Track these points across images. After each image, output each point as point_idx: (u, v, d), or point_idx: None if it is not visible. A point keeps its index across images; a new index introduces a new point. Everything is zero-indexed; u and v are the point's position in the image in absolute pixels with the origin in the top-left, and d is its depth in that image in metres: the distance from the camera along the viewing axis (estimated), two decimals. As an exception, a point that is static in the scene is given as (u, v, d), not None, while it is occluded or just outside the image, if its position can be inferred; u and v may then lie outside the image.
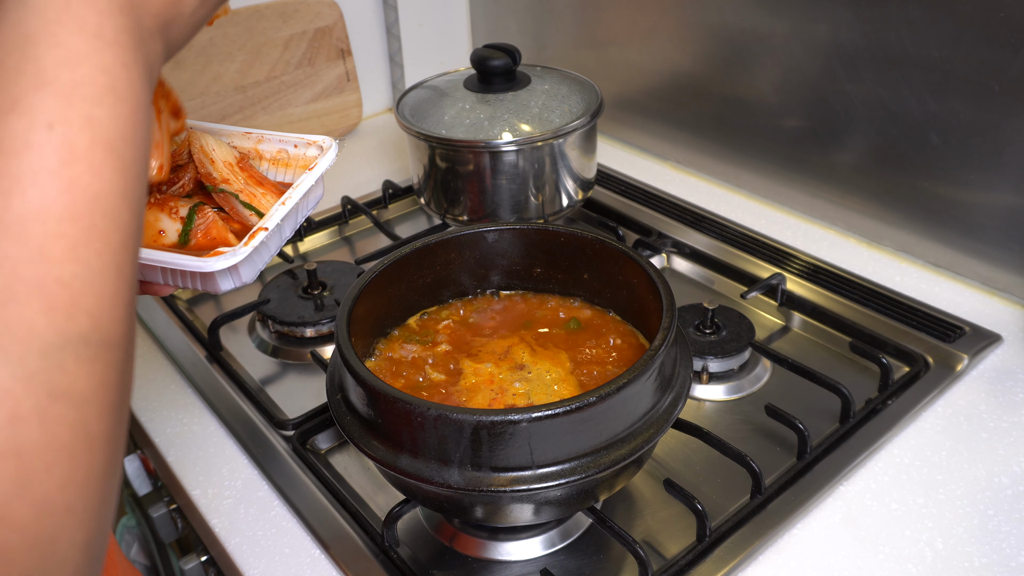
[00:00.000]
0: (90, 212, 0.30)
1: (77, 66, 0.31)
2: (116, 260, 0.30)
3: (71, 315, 0.28)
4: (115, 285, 0.30)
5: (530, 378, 0.64)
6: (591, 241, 0.69)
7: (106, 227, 0.30)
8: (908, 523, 0.64)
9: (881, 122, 0.92)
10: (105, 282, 0.30)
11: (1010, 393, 0.76)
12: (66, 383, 0.27)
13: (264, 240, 0.57)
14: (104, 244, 0.30)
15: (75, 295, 0.29)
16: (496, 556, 0.64)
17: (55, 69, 0.30)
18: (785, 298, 0.89)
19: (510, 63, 0.96)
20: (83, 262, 0.29)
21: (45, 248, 0.28)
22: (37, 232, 0.28)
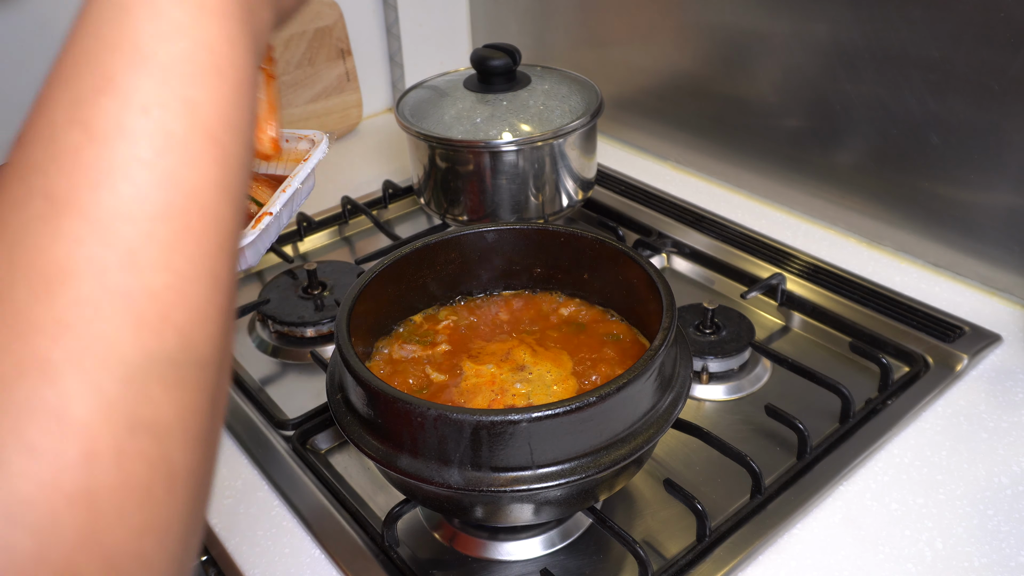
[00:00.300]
0: (186, 210, 0.26)
1: (177, 40, 0.27)
2: (211, 266, 0.27)
3: (159, 332, 0.25)
4: (209, 295, 0.27)
5: (530, 379, 0.64)
6: (591, 241, 0.69)
7: (202, 227, 0.27)
8: (908, 523, 0.64)
9: (881, 122, 0.92)
10: (198, 292, 0.26)
11: (1010, 393, 0.76)
12: (149, 413, 0.24)
13: (267, 225, 0.61)
14: (199, 247, 0.26)
15: (165, 308, 0.25)
16: (496, 556, 0.64)
17: (153, 44, 0.27)
18: (785, 298, 0.89)
19: (510, 63, 0.96)
20: (175, 269, 0.26)
21: (135, 252, 0.25)
22: (127, 233, 0.25)
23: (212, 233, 0.27)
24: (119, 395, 0.23)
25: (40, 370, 0.22)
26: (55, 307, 0.23)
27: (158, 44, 0.27)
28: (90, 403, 0.23)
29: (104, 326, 0.24)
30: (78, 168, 0.25)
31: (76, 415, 0.22)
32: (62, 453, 0.22)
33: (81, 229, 0.24)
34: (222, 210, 0.27)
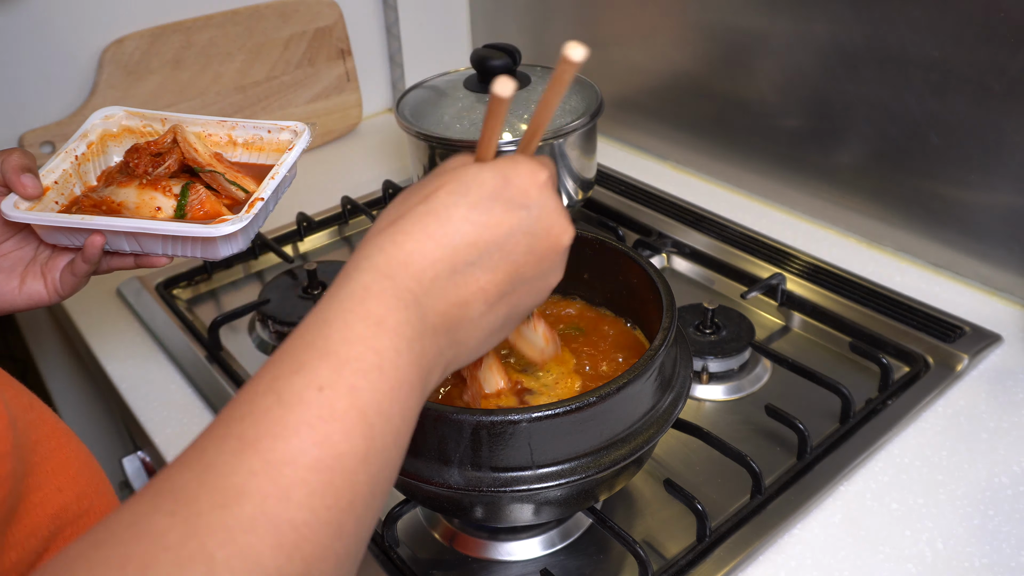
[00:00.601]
0: (331, 468, 0.33)
1: (355, 344, 0.36)
2: (340, 518, 0.33)
3: (291, 557, 0.31)
4: (332, 540, 0.33)
5: (531, 378, 0.64)
6: (591, 241, 0.69)
7: (341, 484, 0.34)
8: (908, 523, 0.64)
9: (881, 122, 0.92)
10: (325, 535, 0.33)
11: (1010, 393, 0.76)
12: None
13: (259, 210, 0.65)
14: (335, 499, 0.33)
15: (299, 540, 0.32)
16: (496, 556, 0.64)
17: (337, 345, 0.36)
18: (785, 298, 0.89)
19: (510, 63, 0.96)
20: (314, 510, 0.32)
21: (289, 490, 0.32)
22: (288, 475, 0.32)
23: (347, 490, 0.34)
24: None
25: (207, 564, 0.29)
26: (226, 517, 0.31)
27: (341, 345, 0.36)
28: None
29: (255, 540, 0.31)
30: (265, 423, 0.34)
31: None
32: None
33: (256, 465, 0.32)
34: (360, 475, 0.35)
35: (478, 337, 0.43)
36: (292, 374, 0.35)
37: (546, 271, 0.45)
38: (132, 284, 0.97)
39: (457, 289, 0.41)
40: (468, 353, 0.43)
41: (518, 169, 0.43)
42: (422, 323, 0.39)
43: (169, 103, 1.14)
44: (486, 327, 0.43)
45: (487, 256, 0.42)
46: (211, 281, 1.01)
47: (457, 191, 0.42)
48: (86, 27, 1.07)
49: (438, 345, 0.40)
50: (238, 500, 0.31)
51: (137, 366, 0.86)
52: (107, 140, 0.74)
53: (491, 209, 0.42)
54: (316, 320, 0.38)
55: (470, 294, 0.41)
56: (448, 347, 0.41)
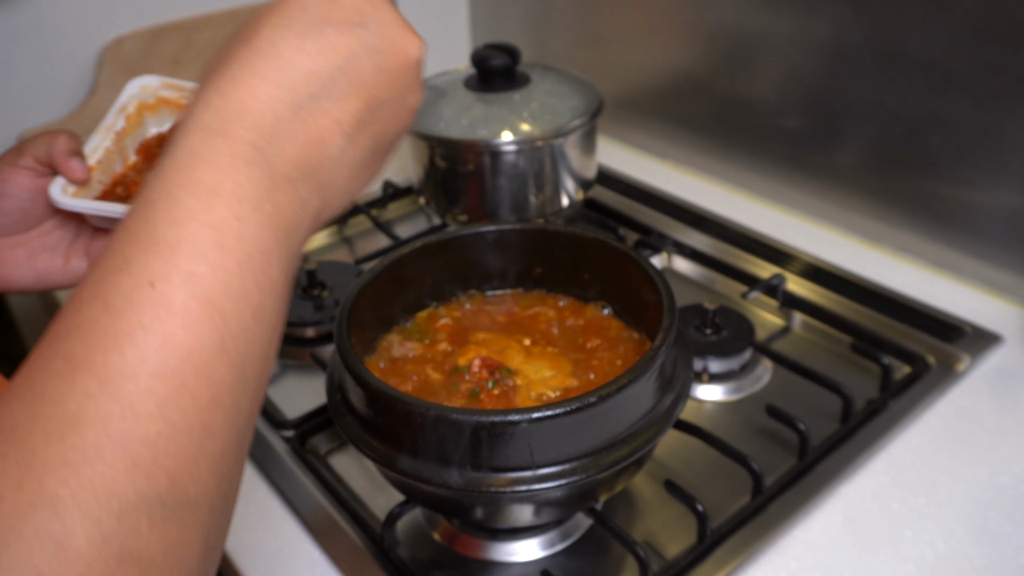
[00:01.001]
0: (180, 369, 0.30)
1: (185, 224, 0.32)
2: (203, 417, 0.30)
3: (151, 475, 0.29)
4: (199, 443, 0.30)
5: (530, 375, 0.64)
6: (591, 241, 0.69)
7: (196, 383, 0.30)
8: (909, 524, 0.64)
9: (882, 122, 0.92)
10: (189, 440, 0.30)
11: (1011, 393, 0.76)
12: (137, 546, 0.27)
13: None
14: (192, 401, 0.30)
15: (157, 454, 0.29)
16: (496, 557, 0.64)
17: (164, 228, 0.32)
18: (786, 298, 0.89)
19: (510, 62, 0.96)
20: (169, 420, 0.29)
21: (135, 405, 0.29)
22: (129, 389, 0.29)
23: (206, 388, 0.31)
24: (113, 529, 0.27)
25: (50, 506, 0.26)
26: (64, 450, 0.27)
27: (168, 228, 0.32)
28: (89, 535, 0.26)
29: (104, 468, 0.28)
30: (93, 335, 0.30)
31: (76, 546, 0.26)
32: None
33: (91, 385, 0.29)
34: (217, 368, 0.31)
35: (345, 175, 0.39)
36: (117, 273, 0.31)
37: (403, 91, 0.41)
38: (132, 284, 0.97)
39: (307, 128, 0.36)
40: (338, 195, 0.39)
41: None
42: (270, 177, 0.35)
43: (169, 103, 1.14)
44: (351, 162, 0.39)
45: (332, 84, 0.37)
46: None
47: (281, 24, 0.37)
48: (86, 27, 1.07)
49: (298, 196, 0.36)
50: (76, 428, 0.28)
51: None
52: (144, 112, 0.73)
53: (323, 34, 0.37)
54: (140, 204, 0.33)
55: (324, 129, 0.37)
56: (312, 194, 0.37)
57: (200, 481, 0.30)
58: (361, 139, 0.39)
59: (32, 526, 0.26)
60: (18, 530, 0.26)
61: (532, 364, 0.65)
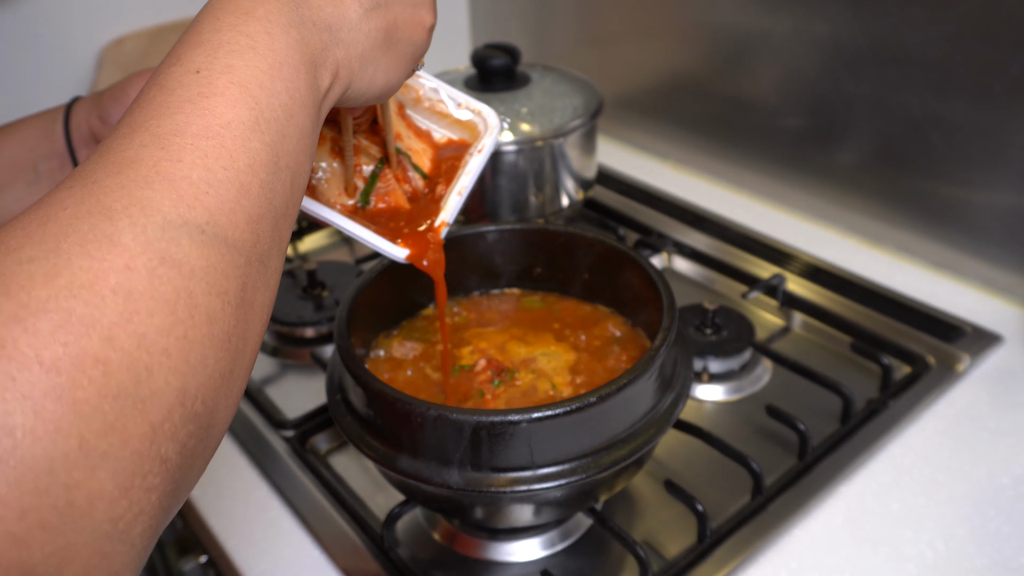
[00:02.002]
0: (220, 134, 0.35)
1: (225, 32, 0.38)
2: (240, 178, 0.35)
3: (192, 206, 0.33)
4: (236, 197, 0.35)
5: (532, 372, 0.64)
6: (591, 241, 0.69)
7: (234, 148, 0.35)
8: (909, 524, 0.64)
9: (882, 121, 0.92)
10: (227, 191, 0.34)
11: (1011, 393, 0.76)
12: (178, 255, 0.32)
13: None
14: (231, 160, 0.35)
15: (198, 192, 0.33)
16: (496, 557, 0.64)
17: (208, 34, 0.38)
18: (786, 298, 0.89)
19: (510, 62, 0.96)
20: (209, 169, 0.34)
21: (181, 153, 0.34)
22: (176, 143, 0.34)
23: (242, 154, 0.35)
24: (157, 236, 0.31)
25: (104, 213, 0.31)
26: (120, 179, 0.32)
27: (212, 35, 0.38)
28: (135, 235, 0.31)
29: (151, 193, 0.32)
30: (151, 108, 0.36)
31: (123, 241, 0.31)
32: (110, 262, 0.30)
33: (146, 139, 0.34)
34: (253, 142, 0.36)
35: (363, 43, 0.44)
36: (171, 66, 0.37)
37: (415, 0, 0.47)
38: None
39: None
40: (358, 63, 0.44)
41: None
42: (297, 13, 0.40)
43: (169, 103, 1.14)
44: (366, 34, 0.44)
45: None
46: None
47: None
48: (85, 27, 1.07)
49: (321, 39, 0.41)
50: (131, 166, 0.33)
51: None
52: None
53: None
54: (193, 22, 0.40)
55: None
56: (333, 45, 0.42)
57: (237, 228, 0.34)
58: (376, 17, 0.44)
59: (88, 224, 0.31)
60: (76, 226, 0.30)
61: (534, 349, 0.65)
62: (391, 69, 0.47)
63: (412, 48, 0.48)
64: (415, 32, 0.47)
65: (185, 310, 0.31)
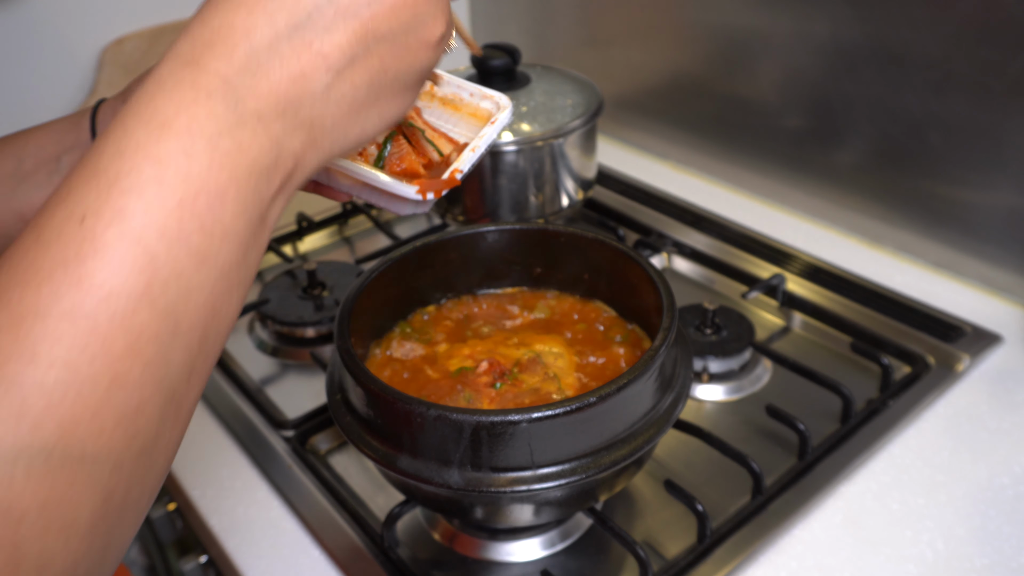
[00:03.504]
0: (94, 312, 0.28)
1: (129, 156, 0.30)
2: (114, 367, 0.28)
3: (39, 424, 0.27)
4: (105, 394, 0.28)
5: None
6: (591, 241, 0.69)
7: (110, 329, 0.28)
8: (909, 524, 0.64)
9: (882, 122, 0.92)
10: (93, 390, 0.28)
11: (1011, 393, 0.76)
12: (5, 497, 0.26)
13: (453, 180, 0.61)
14: (103, 348, 0.28)
15: (50, 403, 0.27)
16: (496, 557, 0.64)
17: (107, 160, 0.30)
18: (786, 298, 0.89)
19: (510, 63, 0.96)
20: (71, 366, 0.28)
21: (37, 347, 0.27)
22: (35, 330, 0.27)
23: (122, 336, 0.29)
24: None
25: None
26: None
27: (111, 160, 0.30)
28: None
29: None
30: (19, 269, 0.29)
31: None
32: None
33: (3, 319, 0.28)
34: (139, 314, 0.29)
35: (335, 114, 0.35)
36: (56, 205, 0.29)
37: (409, 23, 0.36)
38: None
39: (284, 61, 0.33)
40: (330, 136, 0.36)
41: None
42: (235, 112, 0.32)
43: (169, 103, 1.14)
44: (342, 100, 0.35)
45: (317, 14, 0.34)
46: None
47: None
48: (86, 27, 1.07)
49: (270, 135, 0.33)
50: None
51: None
52: None
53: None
54: (99, 136, 0.31)
55: (305, 64, 0.34)
56: (291, 133, 0.34)
57: (102, 435, 0.28)
58: (354, 75, 0.35)
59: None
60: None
61: (535, 349, 0.65)
62: (386, 111, 0.38)
63: (414, 76, 0.39)
64: (415, 59, 0.38)
65: (9, 568, 0.26)
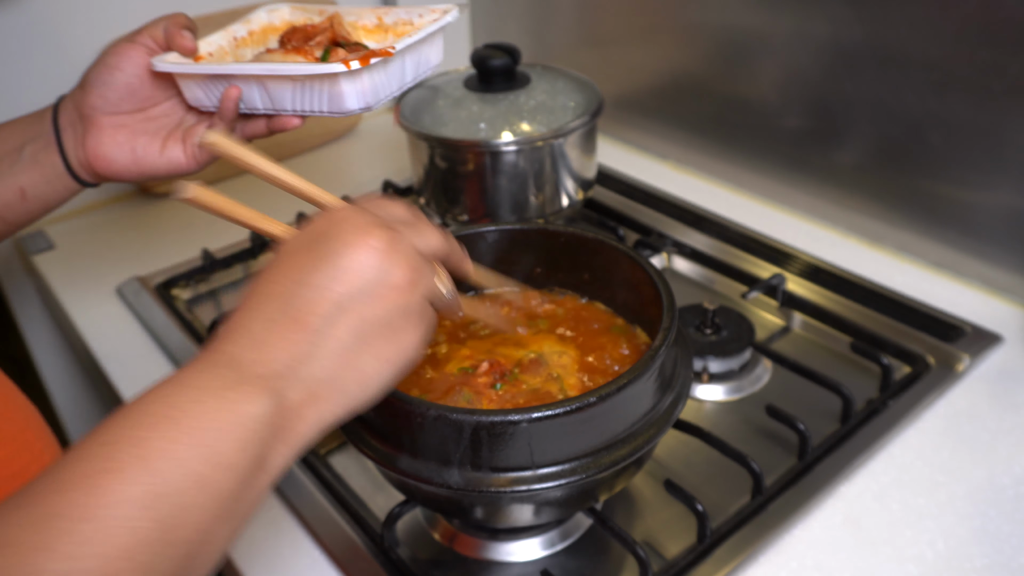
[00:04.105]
0: (103, 515, 0.33)
1: (150, 402, 0.38)
2: (108, 567, 0.33)
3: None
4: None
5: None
6: (591, 241, 0.69)
7: (114, 529, 0.33)
8: (909, 524, 0.64)
9: (882, 122, 0.92)
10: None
11: (1011, 394, 0.76)
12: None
13: (386, 66, 0.65)
14: (104, 545, 0.33)
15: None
16: (496, 557, 0.64)
17: (134, 404, 0.38)
18: (786, 298, 0.89)
19: (510, 62, 0.96)
20: (75, 558, 0.32)
21: (55, 541, 0.32)
22: (55, 526, 0.33)
23: (123, 535, 0.34)
24: None
25: None
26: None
27: (136, 404, 0.38)
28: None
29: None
30: (52, 479, 0.35)
31: None
32: None
33: (31, 535, 0.33)
34: (140, 523, 0.34)
35: (327, 367, 0.42)
36: (89, 434, 0.37)
37: (375, 277, 0.43)
38: (132, 284, 0.97)
39: (277, 335, 0.42)
40: (331, 387, 0.42)
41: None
42: (239, 373, 0.40)
43: (169, 103, 1.14)
44: (331, 355, 0.42)
45: (296, 298, 0.43)
46: (210, 281, 1.01)
47: (284, 255, 0.45)
48: (86, 27, 1.07)
49: (272, 390, 0.40)
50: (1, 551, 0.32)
51: (136, 366, 0.86)
52: (268, 33, 0.77)
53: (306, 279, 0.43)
54: (140, 394, 0.39)
55: (293, 332, 0.42)
56: (291, 388, 0.41)
57: None
58: (335, 332, 0.42)
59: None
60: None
61: (535, 349, 0.65)
62: (382, 353, 0.44)
63: (399, 320, 0.44)
64: (391, 303, 0.44)
65: None
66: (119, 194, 1.18)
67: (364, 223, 0.44)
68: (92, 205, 1.15)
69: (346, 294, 0.42)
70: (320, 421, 0.42)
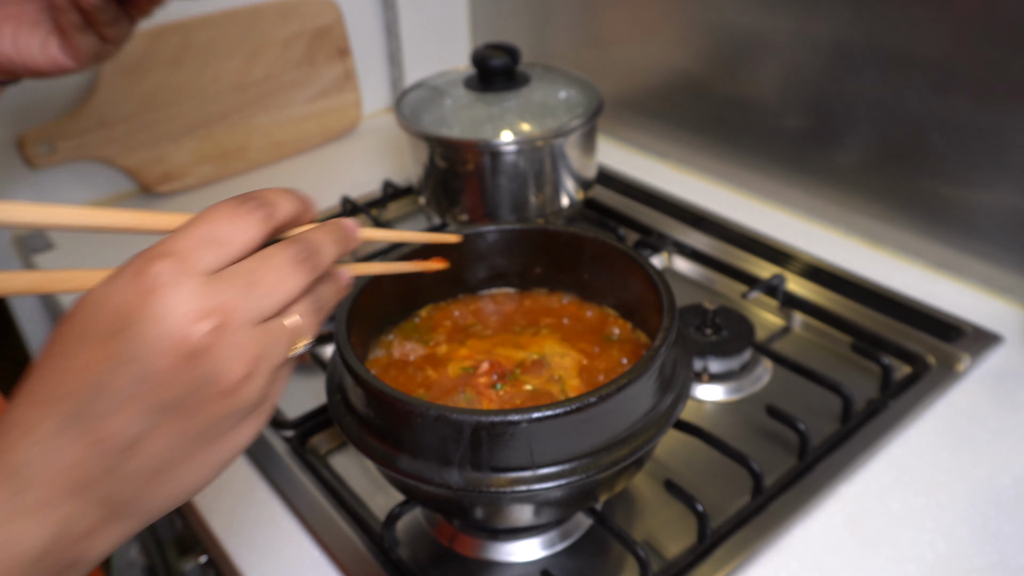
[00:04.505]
0: None
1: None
2: None
3: None
4: None
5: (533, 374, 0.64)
6: (591, 241, 0.69)
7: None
8: (909, 524, 0.64)
9: (882, 122, 0.92)
10: None
11: (1011, 394, 0.76)
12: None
13: None
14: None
15: None
16: (496, 557, 0.64)
17: None
18: (786, 298, 0.89)
19: (510, 62, 0.96)
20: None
21: None
22: None
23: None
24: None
25: None
26: None
27: None
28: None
29: None
30: None
31: None
32: None
33: None
34: None
35: (133, 487, 0.36)
36: None
37: (195, 382, 0.35)
38: (131, 284, 0.97)
39: (64, 449, 0.35)
40: (139, 504, 0.37)
41: None
42: (19, 498, 0.34)
43: (168, 102, 1.14)
44: (137, 473, 0.36)
45: (96, 400, 0.34)
46: (211, 281, 1.00)
47: (52, 344, 0.36)
48: (85, 26, 1.07)
49: (59, 516, 0.35)
50: None
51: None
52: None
53: (74, 355, 0.35)
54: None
55: (83, 449, 0.35)
56: (86, 510, 0.35)
57: None
58: (145, 448, 0.35)
59: None
60: None
61: (535, 350, 0.65)
62: (210, 460, 0.37)
63: (228, 423, 0.37)
64: (217, 409, 0.36)
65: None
66: (119, 194, 1.18)
67: (180, 312, 0.34)
68: (92, 205, 1.16)
69: (156, 406, 0.34)
70: (117, 541, 0.37)
